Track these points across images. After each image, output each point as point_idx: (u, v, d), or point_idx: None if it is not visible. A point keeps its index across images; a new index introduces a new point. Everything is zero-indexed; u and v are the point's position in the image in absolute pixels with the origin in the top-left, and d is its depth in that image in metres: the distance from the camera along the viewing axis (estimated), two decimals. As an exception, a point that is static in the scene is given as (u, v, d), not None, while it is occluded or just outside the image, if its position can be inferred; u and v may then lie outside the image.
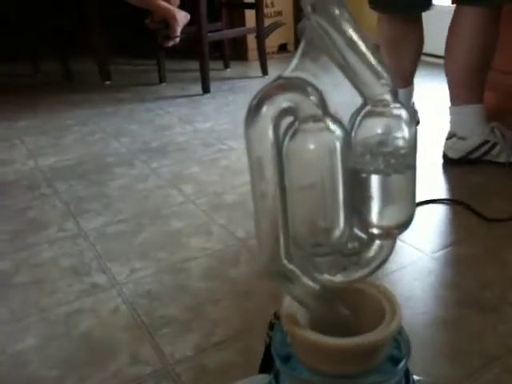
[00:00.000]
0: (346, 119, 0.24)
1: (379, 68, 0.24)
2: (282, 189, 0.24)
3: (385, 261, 0.27)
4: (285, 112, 0.23)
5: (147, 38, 2.80)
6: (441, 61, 2.20)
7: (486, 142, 1.48)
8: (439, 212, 1.31)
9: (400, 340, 0.27)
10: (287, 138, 0.23)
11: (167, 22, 2.65)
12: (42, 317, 1.00)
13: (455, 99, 1.50)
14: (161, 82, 2.78)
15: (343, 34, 0.22)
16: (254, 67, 2.97)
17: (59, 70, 2.90)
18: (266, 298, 1.01)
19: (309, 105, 0.23)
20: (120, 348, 0.91)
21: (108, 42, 2.84)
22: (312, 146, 0.23)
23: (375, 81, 0.23)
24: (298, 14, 3.36)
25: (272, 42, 3.18)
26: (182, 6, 2.72)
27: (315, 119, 0.23)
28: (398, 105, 0.24)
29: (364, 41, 0.23)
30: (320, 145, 0.23)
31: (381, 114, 0.24)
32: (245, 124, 0.23)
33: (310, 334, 0.25)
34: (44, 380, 0.85)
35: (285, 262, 0.25)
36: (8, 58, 3.15)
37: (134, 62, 3.31)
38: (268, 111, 0.23)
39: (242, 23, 3.13)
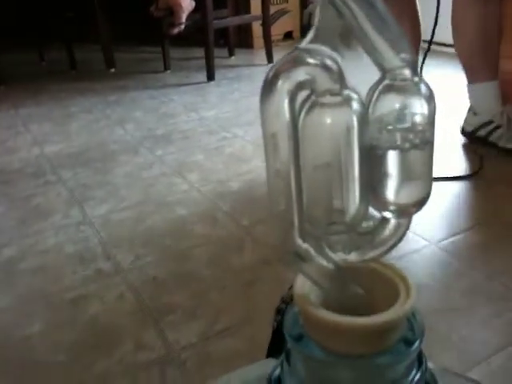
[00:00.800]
0: (364, 94, 0.24)
1: (399, 41, 0.23)
2: (297, 167, 0.23)
3: (399, 240, 0.26)
4: (301, 85, 0.22)
5: (152, 25, 2.79)
6: (448, 49, 2.20)
7: (491, 122, 1.52)
8: (447, 198, 1.30)
9: (413, 322, 0.26)
10: (303, 113, 0.23)
11: (172, 9, 2.64)
12: (48, 303, 1.01)
13: (469, 78, 1.56)
14: (165, 69, 2.78)
15: (363, 4, 0.22)
16: (259, 55, 2.95)
17: (64, 58, 2.89)
18: (270, 285, 1.01)
19: (326, 78, 0.22)
20: (125, 334, 0.91)
21: (113, 29, 2.83)
22: (329, 121, 0.23)
23: (394, 54, 0.23)
24: (304, 1, 3.33)
25: (277, 29, 3.17)
26: (186, -7, 2.70)
27: (333, 93, 0.22)
28: (417, 79, 0.23)
29: (384, 13, 0.22)
30: (337, 119, 0.23)
31: (399, 89, 0.23)
32: (260, 99, 0.23)
33: (324, 312, 0.25)
34: (50, 365, 0.86)
35: (299, 241, 0.25)
36: (13, 46, 3.15)
37: (138, 49, 3.30)
38: (284, 85, 0.22)
39: (248, 11, 3.12)
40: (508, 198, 1.28)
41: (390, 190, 0.24)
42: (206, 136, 1.85)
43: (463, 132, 1.63)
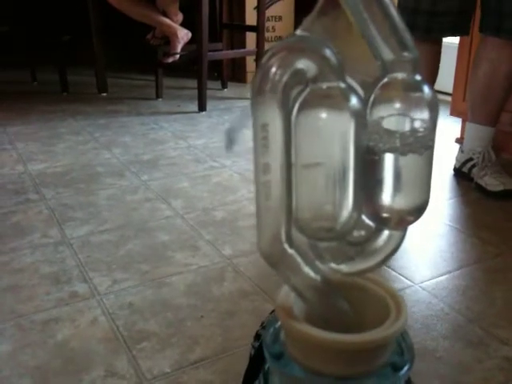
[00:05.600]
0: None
1: (404, 40, 0.22)
2: (288, 163, 0.21)
3: (393, 253, 0.25)
4: (296, 75, 0.21)
5: (147, 53, 2.80)
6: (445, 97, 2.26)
7: (471, 159, 1.62)
8: (431, 239, 1.30)
9: (403, 345, 0.24)
10: (297, 105, 0.21)
11: (168, 38, 2.66)
12: (18, 323, 0.97)
13: (469, 116, 1.65)
14: (157, 97, 2.78)
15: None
16: (252, 89, 2.98)
17: (56, 79, 2.88)
18: (249, 317, 0.98)
19: (324, 69, 0.21)
20: (96, 360, 0.87)
21: (107, 54, 2.84)
22: (324, 116, 0.21)
23: (398, 51, 0.21)
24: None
25: (271, 66, 3.20)
26: (184, 24, 2.74)
27: (330, 85, 0.21)
28: (418, 78, 0.22)
29: (388, 8, 0.21)
30: (333, 115, 0.21)
31: (400, 88, 0.22)
32: (251, 87, 0.21)
33: (308, 328, 0.23)
34: (13, 389, 0.82)
35: (285, 245, 0.23)
36: (6, 65, 3.14)
37: (132, 76, 3.32)
38: (278, 73, 0.21)
39: (243, 45, 3.16)
40: (491, 243, 1.27)
41: (386, 196, 0.23)
42: (193, 164, 1.84)
43: (454, 168, 1.72)
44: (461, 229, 1.36)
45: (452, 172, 1.72)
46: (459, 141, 1.89)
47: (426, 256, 1.23)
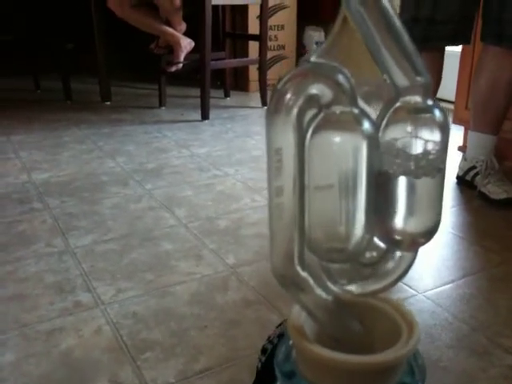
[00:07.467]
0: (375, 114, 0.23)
1: (416, 65, 0.22)
2: (301, 186, 0.22)
3: (404, 274, 0.25)
4: (311, 101, 0.21)
5: (150, 61, 2.82)
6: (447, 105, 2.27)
7: (474, 167, 1.64)
8: (435, 248, 1.30)
9: (414, 365, 0.24)
10: (311, 130, 0.22)
11: (172, 47, 2.67)
12: (22, 333, 0.97)
13: (471, 124, 1.66)
14: (161, 106, 2.80)
15: (379, 23, 0.21)
16: (254, 98, 2.99)
17: (60, 87, 2.90)
18: (253, 327, 0.98)
19: (338, 94, 0.21)
20: (100, 370, 0.87)
21: (111, 63, 2.85)
22: (337, 140, 0.21)
23: (410, 76, 0.22)
24: (300, 49, 3.40)
25: (273, 74, 3.21)
26: (187, 33, 2.75)
27: (343, 110, 0.21)
28: (430, 103, 0.22)
29: (401, 34, 0.22)
30: (346, 139, 0.21)
31: (411, 112, 0.22)
32: (267, 111, 0.22)
33: (320, 348, 0.23)
34: (18, 399, 0.82)
35: (298, 268, 0.23)
36: (9, 72, 3.16)
37: (135, 84, 3.33)
38: (292, 98, 0.21)
39: (245, 54, 3.17)
40: (494, 251, 1.27)
41: (399, 218, 0.23)
42: (196, 172, 1.84)
43: (457, 176, 1.73)
44: (464, 237, 1.36)
45: (455, 180, 1.73)
46: (462, 149, 1.89)
47: (430, 265, 1.23)
